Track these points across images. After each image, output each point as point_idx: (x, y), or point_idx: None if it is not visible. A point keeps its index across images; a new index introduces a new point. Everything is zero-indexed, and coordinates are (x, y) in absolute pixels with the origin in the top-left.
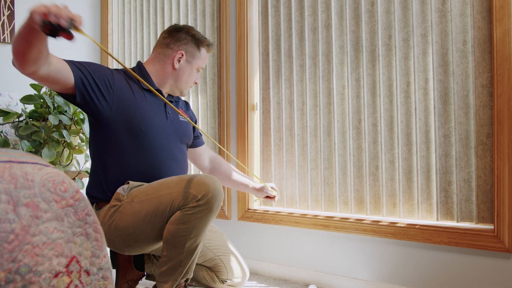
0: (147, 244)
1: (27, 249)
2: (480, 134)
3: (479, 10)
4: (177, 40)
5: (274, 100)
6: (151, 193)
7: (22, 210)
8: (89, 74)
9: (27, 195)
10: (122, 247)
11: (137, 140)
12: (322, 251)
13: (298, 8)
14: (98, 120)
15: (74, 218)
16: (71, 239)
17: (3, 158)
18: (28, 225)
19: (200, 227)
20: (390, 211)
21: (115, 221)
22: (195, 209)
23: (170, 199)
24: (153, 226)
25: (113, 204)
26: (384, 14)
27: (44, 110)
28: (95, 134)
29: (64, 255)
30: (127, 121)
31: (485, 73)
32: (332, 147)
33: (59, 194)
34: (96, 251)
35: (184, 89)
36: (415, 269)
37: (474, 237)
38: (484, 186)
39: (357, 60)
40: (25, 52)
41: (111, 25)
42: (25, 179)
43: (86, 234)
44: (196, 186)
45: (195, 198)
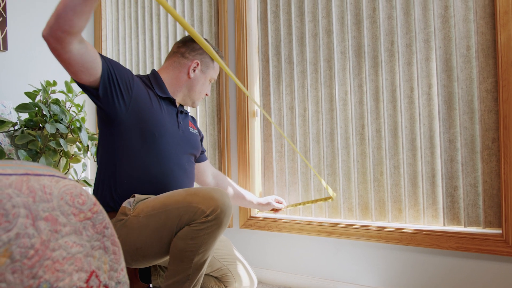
0: (154, 258)
1: (47, 264)
2: (485, 139)
3: (482, 15)
4: (192, 49)
5: (275, 107)
6: (158, 207)
7: (41, 224)
8: (113, 70)
9: (46, 209)
10: (129, 261)
11: (149, 144)
12: (327, 258)
13: (298, 14)
14: (111, 120)
15: (92, 231)
16: (90, 253)
17: (20, 170)
18: (47, 239)
19: (208, 243)
20: (396, 217)
21: (122, 236)
22: (204, 225)
23: (178, 214)
24: (160, 241)
25: (119, 219)
26: (386, 20)
27: (39, 119)
28: (106, 136)
29: (84, 269)
30: (141, 124)
31: (489, 78)
32: (335, 153)
33: (77, 207)
34: (114, 264)
35: (196, 99)
36: (422, 275)
37: (482, 242)
38: (490, 190)
39: (360, 66)
40: (74, 20)
41: (105, 32)
42: (43, 192)
43: (104, 247)
44: (204, 201)
45: (204, 213)
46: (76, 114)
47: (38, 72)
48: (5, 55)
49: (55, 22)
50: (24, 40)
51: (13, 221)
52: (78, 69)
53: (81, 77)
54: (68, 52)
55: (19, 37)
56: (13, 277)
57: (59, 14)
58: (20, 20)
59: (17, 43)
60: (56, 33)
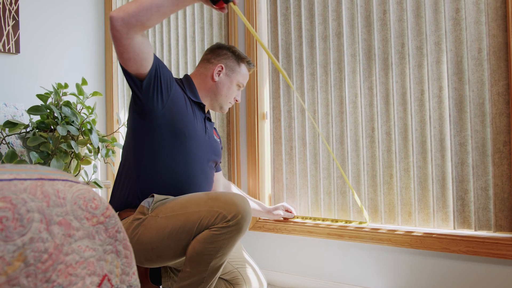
0: (169, 259)
1: (60, 268)
2: (497, 142)
3: (494, 18)
4: (217, 55)
5: (285, 109)
6: (178, 209)
7: (55, 228)
8: (160, 68)
9: (60, 213)
10: (142, 261)
11: (178, 143)
12: (336, 260)
13: (308, 17)
14: (146, 114)
15: (105, 235)
16: (102, 257)
17: (34, 175)
18: (61, 244)
19: (227, 247)
20: (406, 220)
21: (138, 234)
22: (224, 230)
23: (199, 217)
24: (177, 243)
25: (137, 217)
26: (396, 22)
27: (51, 121)
28: (136, 129)
29: (96, 273)
30: (174, 123)
31: (501, 80)
32: (345, 156)
33: (90, 211)
34: (126, 268)
35: (224, 104)
36: (432, 278)
37: (493, 246)
38: (501, 194)
39: (370, 69)
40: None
41: None
42: (57, 196)
43: (116, 251)
44: (226, 206)
45: (225, 218)
46: (87, 116)
47: (50, 74)
48: (17, 58)
49: (135, 11)
50: (36, 43)
51: (28, 225)
52: (132, 57)
53: (131, 65)
54: (130, 39)
55: (31, 40)
56: (27, 281)
57: (143, 6)
58: (32, 23)
59: (30, 46)
60: (130, 20)
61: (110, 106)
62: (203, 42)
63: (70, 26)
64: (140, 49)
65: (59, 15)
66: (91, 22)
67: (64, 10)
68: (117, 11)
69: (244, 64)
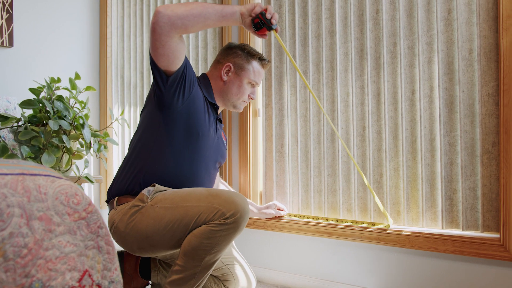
0: (161, 250)
1: (40, 263)
2: (485, 143)
3: (485, 19)
4: (226, 54)
5: (276, 107)
6: (177, 201)
7: (36, 224)
8: (187, 68)
9: (40, 208)
10: (134, 248)
11: (189, 141)
12: (325, 258)
13: (301, 15)
14: (164, 108)
15: (86, 231)
16: (83, 253)
17: (16, 170)
18: (41, 239)
19: (222, 244)
20: (394, 219)
21: (135, 221)
22: (221, 227)
23: (198, 212)
24: (173, 235)
25: (136, 204)
26: (389, 22)
27: (43, 115)
28: (152, 120)
29: (77, 269)
30: (189, 121)
31: (491, 82)
32: (336, 154)
33: (72, 206)
34: (108, 264)
35: (236, 103)
36: (420, 277)
37: (479, 246)
38: (489, 194)
39: (362, 67)
40: (198, 26)
41: (110, 29)
42: (38, 192)
43: (98, 247)
44: (225, 204)
45: (224, 215)
46: (79, 111)
47: (44, 68)
48: (11, 51)
49: (184, 14)
50: (30, 37)
51: (7, 220)
52: (166, 53)
53: (163, 61)
54: (170, 37)
55: (25, 34)
56: (6, 276)
57: (192, 12)
58: (26, 17)
59: (23, 40)
60: (176, 21)
61: (104, 101)
62: (197, 38)
63: (65, 21)
64: (175, 48)
65: (54, 9)
66: (86, 17)
67: (59, 4)
68: (165, 8)
69: (255, 60)
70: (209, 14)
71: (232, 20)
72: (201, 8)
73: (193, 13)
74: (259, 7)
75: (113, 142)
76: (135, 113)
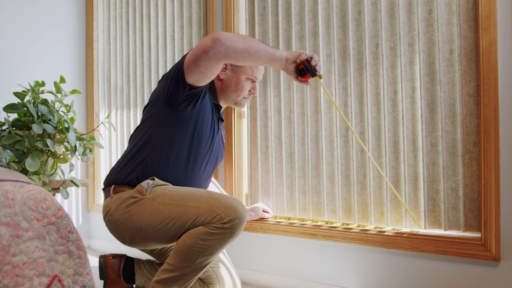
0: (152, 244)
1: (7, 269)
2: (467, 143)
3: (465, 19)
4: None
5: (261, 109)
6: (177, 199)
7: (2, 229)
8: (207, 87)
9: (8, 214)
10: (126, 239)
11: (193, 141)
12: (310, 259)
13: (285, 16)
14: (174, 109)
15: (56, 236)
16: (53, 258)
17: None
18: (8, 245)
19: (216, 248)
20: (378, 220)
21: (131, 212)
22: (218, 230)
23: (196, 213)
24: (167, 231)
25: (134, 196)
26: (371, 23)
27: (27, 119)
28: (159, 117)
29: (46, 274)
30: (197, 123)
31: (471, 82)
32: (320, 156)
33: (41, 212)
34: (79, 268)
35: (236, 99)
36: (403, 277)
37: (461, 246)
38: (471, 194)
39: (345, 69)
40: (247, 61)
41: (97, 32)
42: (5, 197)
43: (68, 252)
44: (225, 209)
45: (222, 220)
46: (64, 114)
47: (29, 72)
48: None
49: (240, 49)
50: (14, 41)
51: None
52: (202, 71)
53: (194, 76)
54: (216, 62)
55: (9, 38)
56: None
57: (249, 50)
58: (10, 20)
59: (8, 44)
60: (230, 53)
61: (91, 104)
62: (182, 40)
63: (50, 24)
64: (215, 71)
65: (39, 13)
66: (72, 20)
67: (45, 8)
68: (226, 37)
69: None
70: (261, 56)
71: (278, 64)
72: (257, 48)
73: (249, 52)
74: (304, 55)
75: (99, 145)
76: (121, 116)
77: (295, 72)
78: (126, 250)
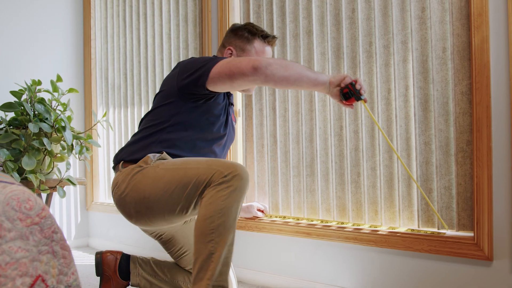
0: (156, 216)
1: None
2: (460, 141)
3: (458, 17)
4: (229, 37)
5: (257, 107)
6: (179, 164)
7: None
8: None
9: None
10: (131, 211)
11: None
12: (305, 258)
13: (279, 15)
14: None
15: (40, 236)
16: (36, 258)
17: None
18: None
19: (228, 208)
20: (372, 218)
21: (135, 181)
22: (221, 186)
23: (196, 174)
24: (170, 196)
25: (139, 165)
26: (364, 21)
27: (24, 118)
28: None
29: (29, 274)
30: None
31: (464, 80)
32: (314, 154)
33: (24, 212)
34: (64, 268)
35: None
36: (397, 277)
37: (454, 245)
38: (464, 193)
39: (338, 67)
40: (284, 88)
41: (94, 30)
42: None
43: (52, 252)
44: (224, 165)
45: (222, 174)
46: (61, 113)
47: (26, 71)
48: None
49: (280, 78)
50: (12, 40)
51: None
52: (233, 86)
53: (219, 87)
54: (251, 83)
55: (7, 37)
56: None
57: (289, 79)
58: (8, 20)
59: (5, 43)
60: (270, 80)
61: (89, 103)
62: (178, 39)
63: (48, 23)
64: (239, 89)
65: (37, 12)
66: (69, 19)
67: (42, 6)
68: (266, 66)
69: (258, 39)
70: (303, 83)
71: (322, 88)
72: (298, 76)
73: (288, 80)
74: (349, 78)
75: (96, 144)
76: (119, 114)
77: (340, 96)
78: (124, 248)
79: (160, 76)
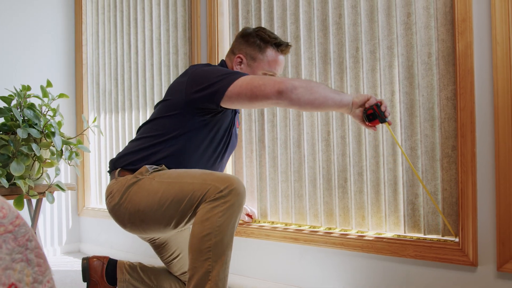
0: (150, 227)
1: None
2: (445, 147)
3: (443, 23)
4: (239, 43)
5: (245, 112)
6: (174, 177)
7: None
8: None
9: None
10: (125, 222)
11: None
12: (292, 264)
13: (268, 20)
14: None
15: (13, 244)
16: (9, 266)
17: None
18: None
19: (225, 224)
20: (359, 224)
21: (130, 192)
22: (217, 201)
23: (192, 189)
24: (164, 211)
25: (136, 176)
26: (351, 26)
27: (13, 123)
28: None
29: (1, 283)
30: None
31: (449, 85)
32: (302, 160)
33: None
34: (39, 276)
35: None
36: (383, 282)
37: (439, 250)
38: (450, 198)
39: (326, 72)
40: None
41: (85, 36)
42: None
43: (27, 260)
44: (219, 179)
45: (217, 189)
46: (51, 118)
47: (17, 76)
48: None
49: (305, 102)
50: (3, 46)
51: None
52: (251, 105)
53: (233, 103)
54: (272, 105)
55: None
56: None
57: (313, 103)
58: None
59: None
60: (294, 104)
61: (80, 108)
62: (168, 44)
63: (39, 29)
64: (255, 108)
65: (27, 17)
66: (60, 24)
67: (33, 12)
68: (291, 90)
69: (271, 47)
70: (327, 106)
71: (345, 109)
72: (323, 100)
73: (313, 104)
74: (373, 99)
75: (86, 149)
76: (110, 120)
77: (363, 117)
78: (116, 254)
79: (150, 81)
